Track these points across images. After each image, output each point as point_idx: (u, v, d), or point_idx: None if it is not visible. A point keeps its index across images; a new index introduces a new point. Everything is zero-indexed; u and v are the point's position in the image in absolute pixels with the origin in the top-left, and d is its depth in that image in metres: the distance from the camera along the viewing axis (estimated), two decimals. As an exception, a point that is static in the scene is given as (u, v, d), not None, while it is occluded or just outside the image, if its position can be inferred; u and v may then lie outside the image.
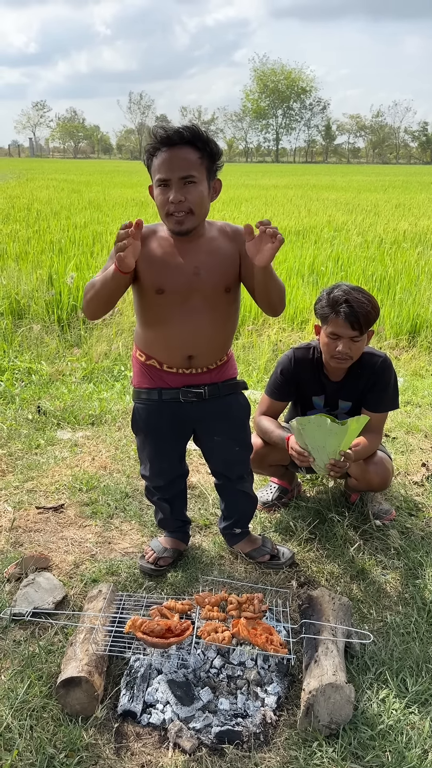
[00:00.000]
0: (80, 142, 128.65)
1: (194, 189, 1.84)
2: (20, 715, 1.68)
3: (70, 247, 8.05)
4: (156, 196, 1.88)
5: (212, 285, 1.95)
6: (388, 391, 2.45)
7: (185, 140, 1.82)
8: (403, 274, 7.18)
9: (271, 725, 1.71)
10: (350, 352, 2.32)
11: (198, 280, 1.94)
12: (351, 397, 2.50)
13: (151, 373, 2.11)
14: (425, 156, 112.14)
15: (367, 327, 2.29)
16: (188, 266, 1.93)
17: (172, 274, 1.93)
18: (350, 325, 2.26)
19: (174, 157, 1.81)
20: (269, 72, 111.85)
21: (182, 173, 1.81)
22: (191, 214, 1.86)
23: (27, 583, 2.13)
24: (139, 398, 2.17)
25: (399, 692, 1.80)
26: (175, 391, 2.09)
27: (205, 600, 1.95)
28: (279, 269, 7.09)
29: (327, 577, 2.30)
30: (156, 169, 1.85)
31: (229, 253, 1.97)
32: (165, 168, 1.82)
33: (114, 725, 1.68)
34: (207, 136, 1.86)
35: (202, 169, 1.86)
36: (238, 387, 2.20)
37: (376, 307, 2.31)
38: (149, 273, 1.94)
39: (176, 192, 1.82)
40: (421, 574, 2.32)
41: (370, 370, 2.43)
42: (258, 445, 2.54)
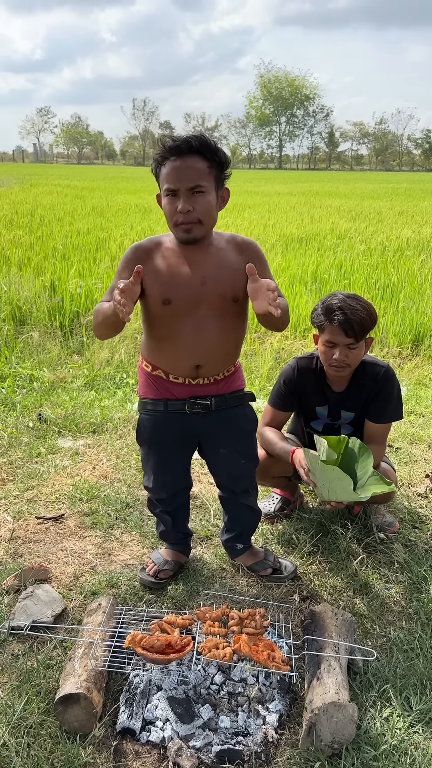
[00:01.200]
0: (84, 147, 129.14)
1: (202, 199, 1.82)
2: (17, 732, 1.65)
3: (73, 253, 8.05)
4: (164, 205, 1.87)
5: (219, 295, 1.93)
6: (391, 402, 2.43)
7: (193, 150, 1.80)
8: (406, 282, 7.17)
9: (272, 744, 1.68)
10: (347, 359, 2.30)
11: (205, 290, 1.92)
12: (354, 408, 2.47)
13: (157, 383, 2.09)
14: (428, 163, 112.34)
15: (362, 334, 2.27)
16: (195, 276, 1.91)
17: (178, 285, 1.91)
18: (344, 332, 2.25)
19: (182, 167, 1.80)
20: (273, 79, 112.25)
21: (190, 183, 1.79)
22: (199, 223, 1.85)
23: (26, 596, 2.11)
24: (144, 409, 2.14)
25: (403, 711, 1.77)
26: (181, 403, 2.07)
27: (206, 615, 1.92)
28: (282, 277, 7.08)
29: (330, 591, 2.27)
30: (164, 179, 1.83)
31: (237, 264, 1.95)
32: (173, 178, 1.80)
33: (113, 743, 1.65)
34: (215, 145, 1.84)
35: (211, 178, 1.84)
36: (245, 399, 2.18)
37: (372, 314, 2.29)
38: (156, 285, 1.92)
39: (184, 202, 1.80)
40: (425, 588, 2.29)
41: (372, 380, 2.41)
42: (262, 457, 2.52)
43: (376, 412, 2.43)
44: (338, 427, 2.52)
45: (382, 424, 2.45)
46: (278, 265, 7.71)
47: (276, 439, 2.45)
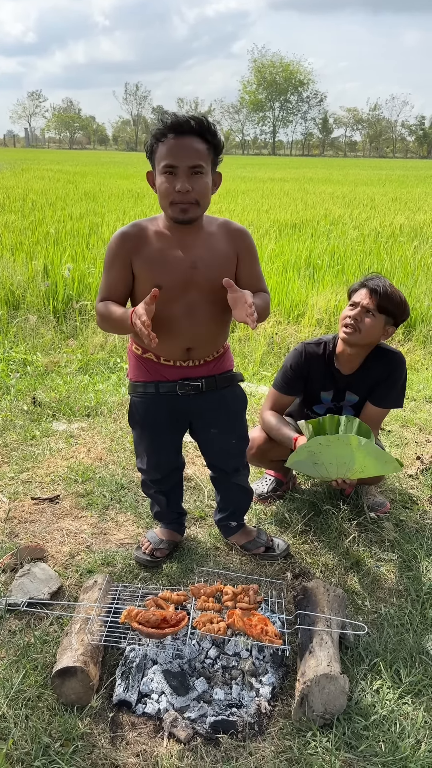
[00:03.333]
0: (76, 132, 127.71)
1: (201, 180, 1.81)
2: (15, 705, 1.68)
3: (66, 238, 8.01)
4: (160, 183, 1.83)
5: (209, 279, 1.94)
6: (396, 388, 2.46)
7: (195, 130, 1.79)
8: (399, 268, 7.18)
9: (265, 715, 1.72)
10: (360, 323, 2.33)
11: (195, 274, 1.92)
12: (360, 391, 2.50)
13: (148, 366, 2.10)
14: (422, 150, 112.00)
15: (385, 305, 2.32)
16: (186, 260, 1.92)
17: (169, 270, 1.91)
18: (369, 294, 2.32)
19: (184, 145, 1.78)
20: (267, 64, 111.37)
21: (191, 162, 1.78)
22: (196, 204, 1.84)
23: (22, 574, 2.13)
24: (135, 391, 2.16)
25: (393, 683, 1.81)
26: (172, 384, 2.08)
27: (200, 591, 1.96)
28: (276, 262, 7.08)
29: (322, 568, 2.31)
30: (163, 156, 1.80)
31: (227, 251, 1.96)
32: (174, 155, 1.78)
33: (109, 715, 1.69)
34: (215, 128, 1.84)
35: (209, 161, 1.83)
36: (234, 379, 2.20)
37: (403, 301, 2.36)
38: (147, 271, 1.91)
39: (184, 181, 1.79)
40: (415, 566, 2.33)
41: (383, 364, 2.44)
42: (261, 440, 2.55)
43: (379, 396, 2.46)
44: (340, 410, 2.55)
45: (381, 409, 2.48)
46: (272, 251, 7.71)
47: (279, 425, 2.47)
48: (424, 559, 2.36)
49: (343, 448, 2.03)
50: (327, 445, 2.04)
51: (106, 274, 1.96)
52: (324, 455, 2.08)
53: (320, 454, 2.08)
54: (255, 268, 2.05)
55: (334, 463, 2.10)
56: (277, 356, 4.83)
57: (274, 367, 4.59)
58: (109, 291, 1.96)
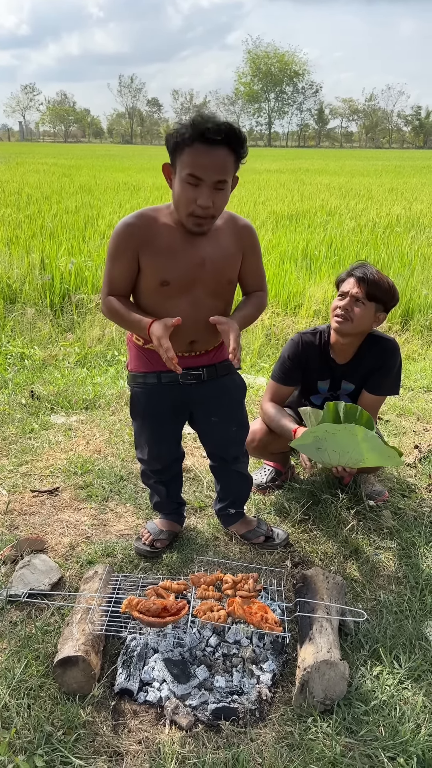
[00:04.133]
0: (71, 125, 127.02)
1: (223, 194, 1.79)
2: (18, 694, 1.69)
3: (62, 232, 7.99)
4: (180, 190, 1.77)
5: (216, 277, 1.94)
6: (391, 376, 2.47)
7: (225, 140, 1.73)
8: (396, 258, 7.18)
9: (266, 702, 1.73)
10: (351, 313, 2.33)
11: (203, 272, 1.91)
12: (355, 380, 2.51)
13: (150, 356, 2.09)
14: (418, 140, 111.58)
15: (374, 293, 2.32)
16: (194, 257, 1.89)
17: (177, 266, 1.89)
18: (357, 282, 2.32)
19: (212, 159, 1.72)
20: (262, 55, 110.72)
21: (218, 177, 1.74)
22: (212, 218, 1.83)
23: (23, 565, 2.14)
24: (136, 382, 2.15)
25: (392, 669, 1.82)
26: (174, 374, 2.08)
27: (200, 580, 1.97)
28: (272, 254, 7.07)
29: (321, 557, 2.32)
30: (188, 163, 1.73)
31: (234, 248, 1.96)
32: (201, 168, 1.72)
33: (111, 703, 1.70)
34: (244, 137, 1.79)
35: (233, 173, 1.80)
36: (233, 367, 2.20)
37: (392, 288, 2.36)
38: (154, 266, 1.89)
39: (207, 196, 1.75)
40: (413, 553, 2.34)
41: (377, 352, 2.44)
42: (262, 432, 2.55)
43: (375, 384, 2.47)
44: (337, 397, 2.56)
45: (378, 396, 2.49)
46: (269, 242, 7.69)
47: (279, 416, 2.48)
48: (423, 547, 2.37)
49: (349, 438, 2.04)
50: (333, 433, 2.05)
51: (111, 266, 1.94)
52: (329, 442, 2.08)
53: (325, 440, 2.09)
54: (258, 265, 2.07)
55: (338, 452, 2.10)
56: (275, 348, 4.84)
57: (272, 359, 4.59)
58: (116, 284, 1.94)
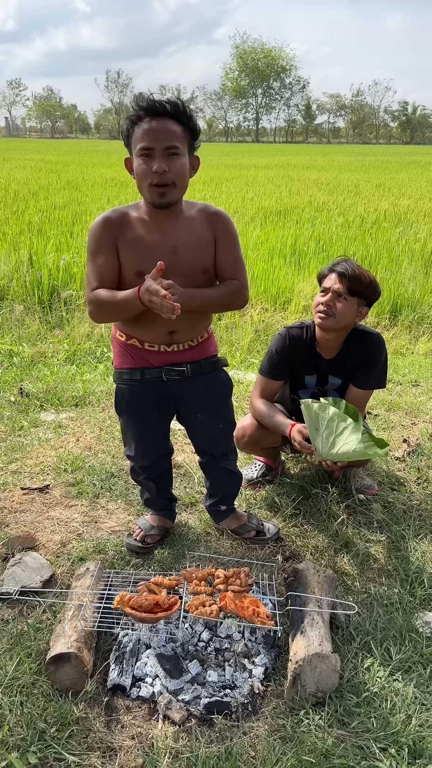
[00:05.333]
0: (57, 121, 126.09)
1: (178, 161, 1.83)
2: (10, 692, 1.69)
3: (49, 228, 7.94)
4: (137, 166, 1.85)
5: (189, 264, 1.95)
6: (377, 369, 2.48)
7: (169, 112, 1.81)
8: (384, 253, 7.21)
9: (258, 695, 1.74)
10: (333, 308, 2.34)
11: (176, 259, 1.92)
12: (342, 374, 2.52)
13: (133, 352, 2.10)
14: (405, 136, 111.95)
15: (355, 287, 2.32)
16: (166, 245, 1.92)
17: (150, 255, 1.90)
18: (339, 278, 2.32)
19: (159, 127, 1.80)
20: (249, 50, 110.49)
21: (167, 143, 1.80)
22: (173, 186, 1.85)
23: (14, 563, 2.14)
24: (121, 379, 2.16)
25: (383, 661, 1.84)
26: (157, 370, 2.09)
27: (192, 575, 1.97)
28: (261, 249, 7.07)
29: (312, 551, 2.34)
30: (139, 138, 1.82)
31: (206, 234, 1.97)
32: (150, 137, 1.80)
33: (104, 699, 1.70)
34: (190, 111, 1.86)
35: (185, 143, 1.86)
36: (219, 364, 2.21)
37: (373, 281, 2.37)
38: (129, 257, 1.92)
39: (160, 162, 1.80)
40: (403, 546, 2.36)
41: (362, 346, 2.45)
42: (253, 428, 2.56)
43: (362, 378, 2.48)
44: (325, 393, 2.57)
45: (365, 390, 2.50)
46: (257, 237, 7.70)
47: (272, 413, 2.48)
48: (412, 540, 2.39)
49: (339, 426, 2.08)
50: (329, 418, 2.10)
51: (92, 263, 1.95)
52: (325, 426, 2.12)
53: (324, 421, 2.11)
54: (233, 252, 2.03)
55: (329, 440, 2.13)
56: (264, 343, 4.84)
57: (261, 354, 4.60)
58: (100, 279, 1.94)
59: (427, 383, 4.05)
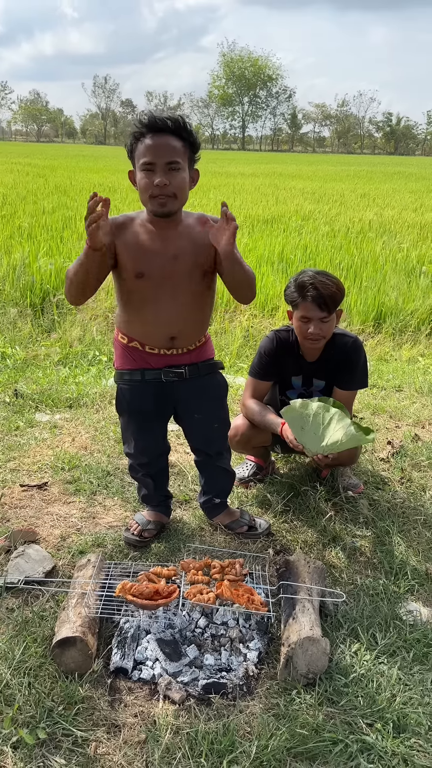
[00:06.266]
0: (43, 125, 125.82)
1: (178, 175, 1.95)
2: (18, 674, 1.78)
3: (39, 232, 8.01)
4: (140, 179, 1.97)
5: (190, 270, 2.07)
6: (357, 370, 2.60)
7: (171, 129, 1.93)
8: (368, 262, 7.38)
9: (253, 677, 1.85)
10: (321, 332, 2.46)
11: (176, 264, 2.05)
12: (325, 377, 2.64)
13: (134, 354, 2.21)
14: (389, 146, 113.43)
15: (334, 307, 2.43)
16: (167, 251, 2.04)
17: (151, 259, 2.03)
18: (318, 307, 2.40)
19: (160, 143, 1.92)
20: (236, 59, 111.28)
21: (168, 158, 1.92)
22: (174, 197, 1.97)
23: (17, 555, 2.23)
24: (122, 379, 2.26)
25: (369, 645, 1.96)
26: (157, 372, 2.20)
27: (189, 565, 2.08)
28: (249, 257, 7.21)
29: (301, 545, 2.45)
30: (141, 154, 1.94)
31: (206, 241, 2.07)
32: (152, 153, 1.91)
33: (107, 681, 1.80)
34: (191, 127, 1.98)
35: (185, 157, 1.97)
36: (215, 367, 2.33)
37: (341, 288, 2.46)
38: (129, 259, 2.03)
39: (162, 176, 1.92)
40: (388, 541, 2.49)
41: (342, 350, 2.58)
42: (245, 427, 2.67)
43: (344, 380, 2.61)
44: (311, 394, 2.69)
45: (348, 391, 2.63)
46: (245, 246, 7.84)
47: (264, 412, 2.60)
48: (396, 535, 2.52)
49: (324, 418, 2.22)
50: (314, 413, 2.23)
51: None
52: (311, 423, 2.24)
53: (308, 418, 2.24)
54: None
55: (318, 435, 2.25)
56: (253, 348, 4.96)
57: (250, 359, 4.71)
58: None
59: (410, 388, 4.21)
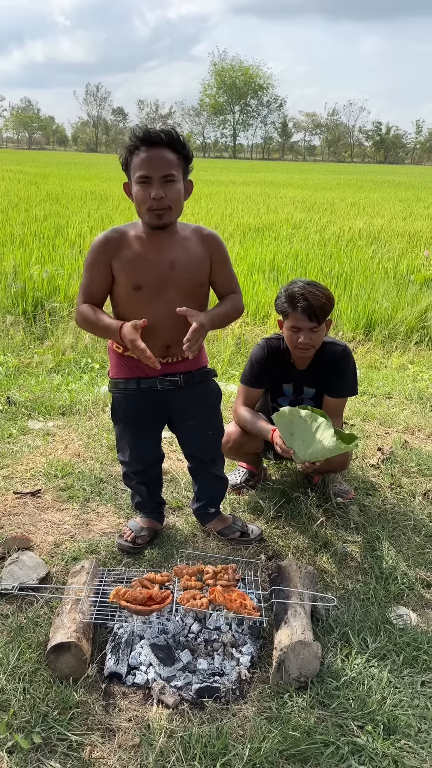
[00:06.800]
0: (35, 133, 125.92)
1: (173, 187, 1.99)
2: (13, 680, 1.79)
3: (31, 240, 8.03)
4: (136, 192, 2.01)
5: (186, 279, 2.11)
6: (347, 378, 2.65)
7: (165, 142, 1.96)
8: (358, 271, 7.46)
9: (245, 681, 1.87)
10: (312, 341, 2.50)
11: (173, 274, 2.08)
12: (314, 384, 2.68)
13: (129, 363, 2.24)
14: (378, 155, 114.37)
15: (323, 317, 2.47)
16: (164, 261, 2.07)
17: (148, 271, 2.06)
18: (308, 317, 2.44)
19: (156, 156, 1.95)
20: (227, 68, 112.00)
21: (164, 171, 1.95)
22: (170, 209, 2.01)
23: (11, 562, 2.24)
24: (117, 388, 2.29)
25: (360, 649, 1.99)
26: (152, 380, 2.23)
27: (183, 571, 2.10)
28: (241, 265, 7.26)
29: (293, 550, 2.48)
30: (137, 167, 1.97)
31: (201, 253, 2.13)
32: (147, 166, 1.95)
33: (102, 686, 1.82)
34: (184, 140, 2.02)
35: (180, 169, 2.01)
36: (209, 374, 2.36)
37: (330, 298, 2.50)
38: (126, 272, 2.07)
39: (158, 189, 1.96)
40: (378, 546, 2.52)
41: (331, 358, 2.62)
42: (237, 434, 2.70)
43: (334, 388, 2.65)
44: (301, 402, 2.73)
45: (338, 399, 2.67)
46: (237, 254, 7.89)
47: (255, 419, 2.63)
48: (386, 540, 2.55)
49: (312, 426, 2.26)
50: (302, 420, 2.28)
51: (87, 276, 2.11)
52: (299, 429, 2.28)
53: (297, 426, 2.28)
54: (227, 270, 2.23)
55: (305, 441, 2.29)
56: (245, 356, 5.00)
57: (241, 366, 4.75)
58: (91, 293, 2.12)
59: (400, 395, 4.26)
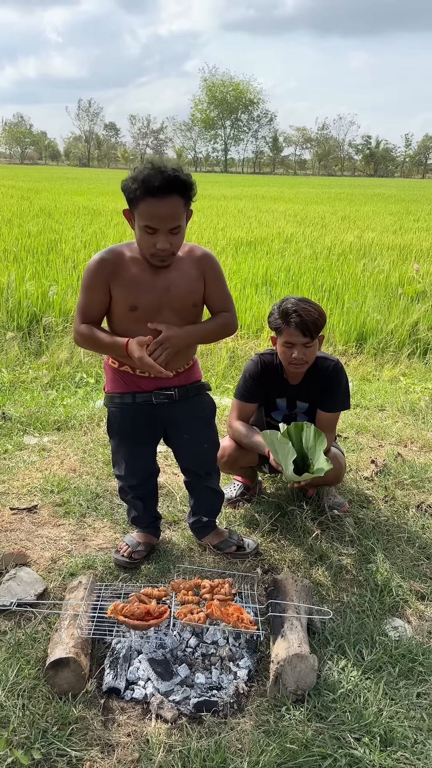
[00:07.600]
0: (27, 148, 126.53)
1: (179, 235, 2.03)
2: (13, 696, 1.80)
3: (25, 255, 8.07)
4: (140, 236, 2.03)
5: (181, 300, 2.15)
6: (339, 393, 2.69)
7: (173, 190, 1.95)
8: (350, 284, 7.54)
9: (243, 695, 1.88)
10: (305, 357, 2.54)
11: (169, 296, 2.12)
12: (308, 399, 2.72)
13: (125, 378, 2.27)
14: (368, 168, 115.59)
15: (316, 332, 2.52)
16: (160, 284, 2.11)
17: (145, 292, 2.10)
18: (301, 333, 2.48)
19: (165, 209, 1.95)
20: (218, 83, 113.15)
21: (171, 225, 1.98)
22: (173, 255, 2.07)
23: (9, 578, 2.25)
24: (112, 402, 2.32)
25: (356, 661, 2.01)
26: (147, 394, 2.26)
27: (180, 586, 2.12)
28: (234, 279, 7.32)
29: (289, 564, 2.50)
30: (143, 216, 1.97)
31: (195, 274, 2.17)
32: (156, 220, 1.96)
33: (100, 701, 1.83)
34: (191, 181, 2.01)
35: (185, 213, 2.04)
36: (203, 388, 2.40)
37: (322, 314, 2.55)
38: (123, 294, 2.11)
39: (164, 241, 1.99)
40: (373, 559, 2.55)
41: (323, 373, 2.66)
42: (232, 448, 2.73)
43: (327, 402, 2.68)
44: (295, 416, 2.77)
45: (331, 413, 2.70)
46: (229, 268, 7.96)
47: (251, 434, 2.67)
48: (381, 552, 2.58)
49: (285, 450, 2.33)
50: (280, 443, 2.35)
51: (84, 297, 2.14)
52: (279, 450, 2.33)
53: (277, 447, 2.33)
54: (221, 288, 2.26)
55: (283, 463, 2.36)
56: (238, 369, 5.04)
57: (235, 380, 4.79)
58: (89, 313, 2.15)
59: (392, 408, 4.30)
